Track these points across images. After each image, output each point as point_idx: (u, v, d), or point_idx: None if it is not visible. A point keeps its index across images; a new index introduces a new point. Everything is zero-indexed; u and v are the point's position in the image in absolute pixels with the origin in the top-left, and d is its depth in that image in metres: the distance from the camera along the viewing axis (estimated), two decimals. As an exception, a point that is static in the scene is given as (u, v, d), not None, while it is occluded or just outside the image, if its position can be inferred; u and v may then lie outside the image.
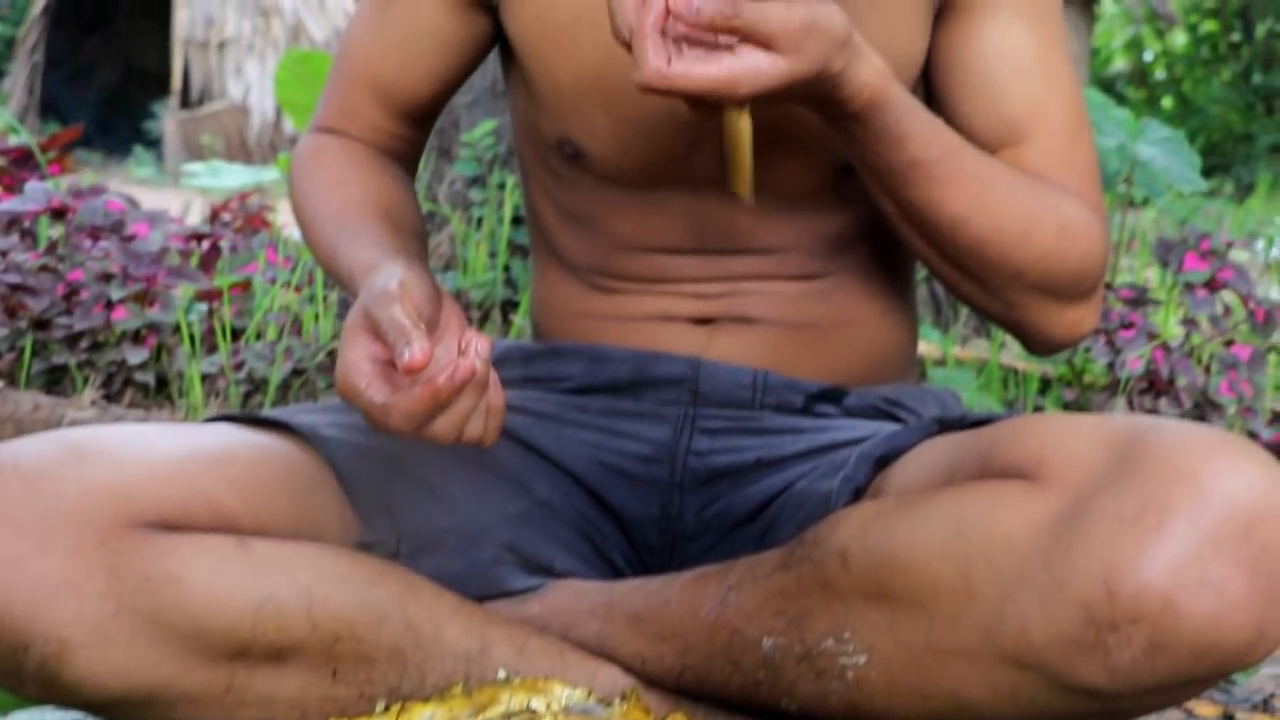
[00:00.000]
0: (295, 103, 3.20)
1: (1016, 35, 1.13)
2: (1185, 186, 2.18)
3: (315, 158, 1.24)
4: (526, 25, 1.15)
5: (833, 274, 1.23)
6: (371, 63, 1.23)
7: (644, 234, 1.20)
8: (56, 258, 1.80)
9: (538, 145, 1.23)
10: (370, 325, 0.95)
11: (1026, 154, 1.12)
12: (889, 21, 1.12)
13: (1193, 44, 14.31)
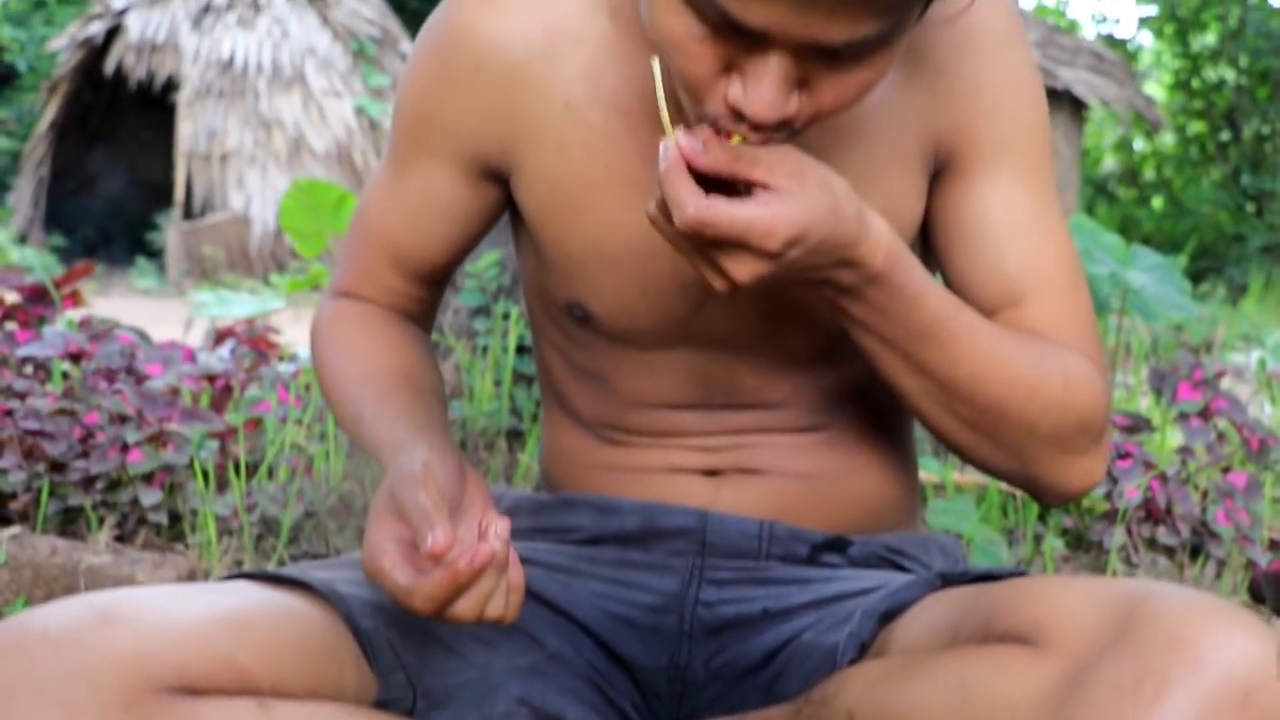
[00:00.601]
0: (300, 230, 3.27)
1: (1013, 195, 1.15)
2: (1177, 314, 2.22)
3: (336, 324, 1.28)
4: (536, 196, 1.19)
5: (836, 425, 1.26)
6: (387, 230, 1.27)
7: (652, 391, 1.24)
8: (73, 400, 1.84)
9: (548, 305, 1.27)
10: (396, 508, 0.99)
11: (1027, 312, 1.15)
12: (889, 185, 1.15)
13: (1182, 144, 14.46)
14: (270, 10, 12.36)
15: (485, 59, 1.17)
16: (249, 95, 12.03)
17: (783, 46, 0.91)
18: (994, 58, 1.15)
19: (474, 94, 1.18)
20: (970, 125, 1.15)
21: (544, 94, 1.16)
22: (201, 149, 11.87)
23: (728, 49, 0.93)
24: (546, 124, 1.16)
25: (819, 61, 0.93)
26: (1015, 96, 1.16)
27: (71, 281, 2.31)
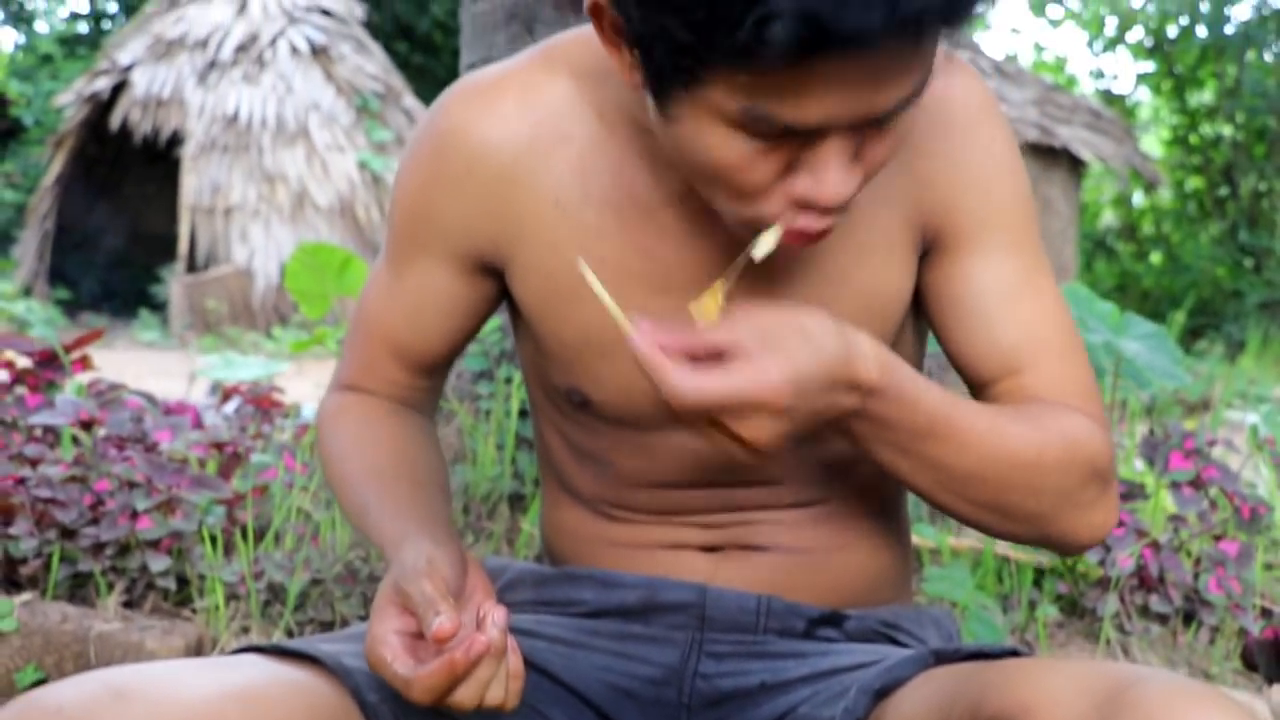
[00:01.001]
0: (306, 292, 3.30)
1: (1004, 268, 1.18)
2: (1169, 382, 2.26)
3: (340, 418, 1.31)
4: (532, 289, 1.22)
5: (833, 499, 1.29)
6: (388, 326, 1.30)
7: (652, 470, 1.27)
8: (84, 467, 1.87)
9: (547, 390, 1.31)
10: (400, 600, 1.03)
11: (1026, 381, 1.17)
12: (875, 265, 1.18)
13: (1180, 199, 14.52)
14: (275, 66, 12.47)
15: (476, 160, 1.20)
16: (253, 150, 12.11)
17: (839, 131, 0.95)
18: (972, 135, 1.18)
19: (466, 194, 1.21)
20: (955, 203, 1.18)
21: (535, 191, 1.19)
22: (205, 203, 11.94)
23: (786, 152, 0.97)
24: (539, 221, 1.19)
25: (869, 130, 0.97)
26: (996, 171, 1.19)
27: (81, 346, 2.35)
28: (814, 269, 1.17)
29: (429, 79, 17.24)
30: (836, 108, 0.92)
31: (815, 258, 1.17)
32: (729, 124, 0.96)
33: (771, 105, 0.92)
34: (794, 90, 0.91)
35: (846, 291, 1.18)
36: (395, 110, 12.93)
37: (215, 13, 12.75)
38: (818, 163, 0.96)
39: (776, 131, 0.94)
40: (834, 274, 1.17)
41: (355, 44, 13.17)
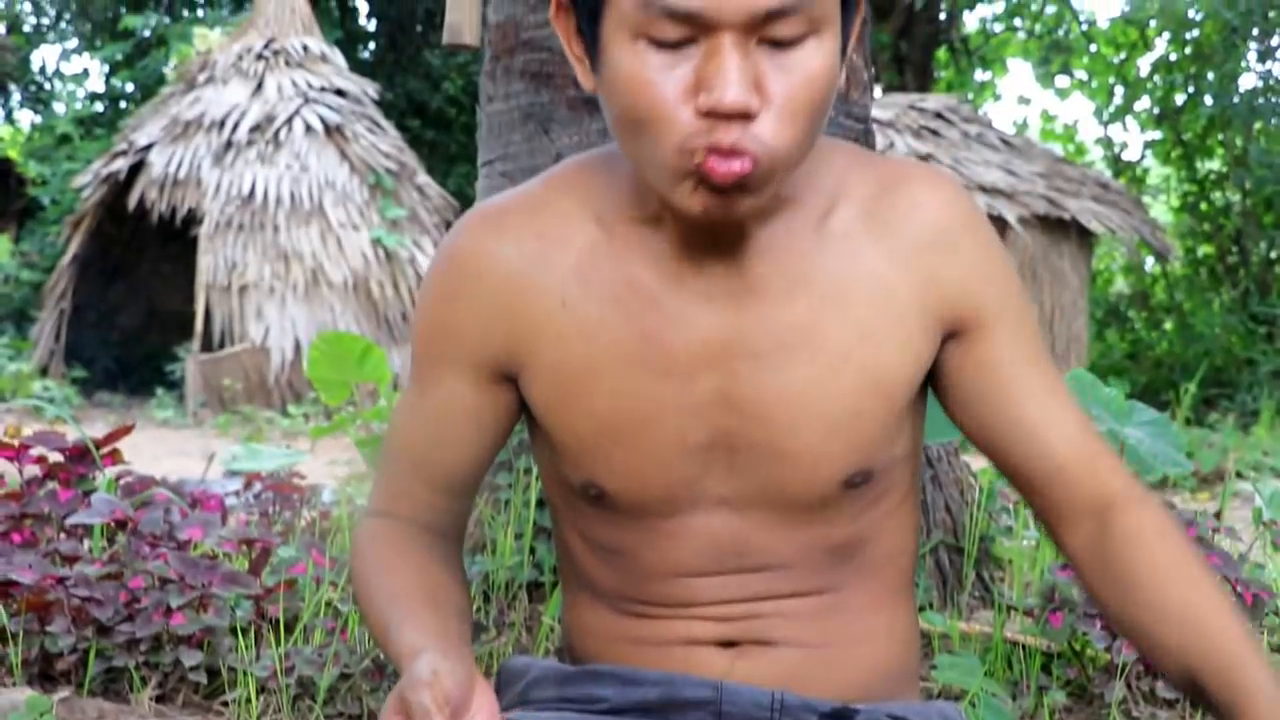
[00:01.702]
0: (326, 380, 3.37)
1: (1023, 348, 1.29)
2: (1173, 469, 2.31)
3: (370, 544, 1.36)
4: (542, 388, 1.29)
5: (843, 589, 1.35)
6: (413, 444, 1.37)
7: (668, 559, 1.32)
8: (118, 564, 1.93)
9: (564, 490, 1.37)
10: (401, 708, 1.08)
11: (1072, 444, 1.27)
12: (877, 347, 1.25)
13: (1191, 266, 14.57)
14: (290, 145, 12.64)
15: (486, 271, 1.29)
16: (268, 228, 12.25)
17: (728, 29, 1.07)
18: (971, 236, 1.29)
19: (478, 303, 1.29)
20: (973, 291, 1.27)
21: (542, 295, 1.27)
22: (221, 281, 12.06)
23: (686, 68, 1.09)
24: (546, 321, 1.27)
25: (764, 52, 1.09)
26: (1000, 266, 1.30)
27: (111, 442, 2.42)
28: (819, 353, 1.24)
29: (441, 154, 17.43)
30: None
31: (818, 341, 1.24)
32: (636, 35, 1.09)
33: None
34: None
35: (849, 369, 1.25)
36: (408, 187, 13.09)
37: (232, 94, 12.94)
38: (715, 68, 1.07)
39: (671, 29, 1.08)
40: (835, 353, 1.24)
41: (369, 122, 13.36)
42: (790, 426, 1.24)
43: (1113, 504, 1.25)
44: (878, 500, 1.34)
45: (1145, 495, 1.26)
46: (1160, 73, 14.94)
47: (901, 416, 1.30)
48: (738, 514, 1.30)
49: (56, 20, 17.87)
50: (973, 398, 1.29)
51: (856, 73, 2.74)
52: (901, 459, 1.35)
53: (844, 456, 1.26)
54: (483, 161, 2.77)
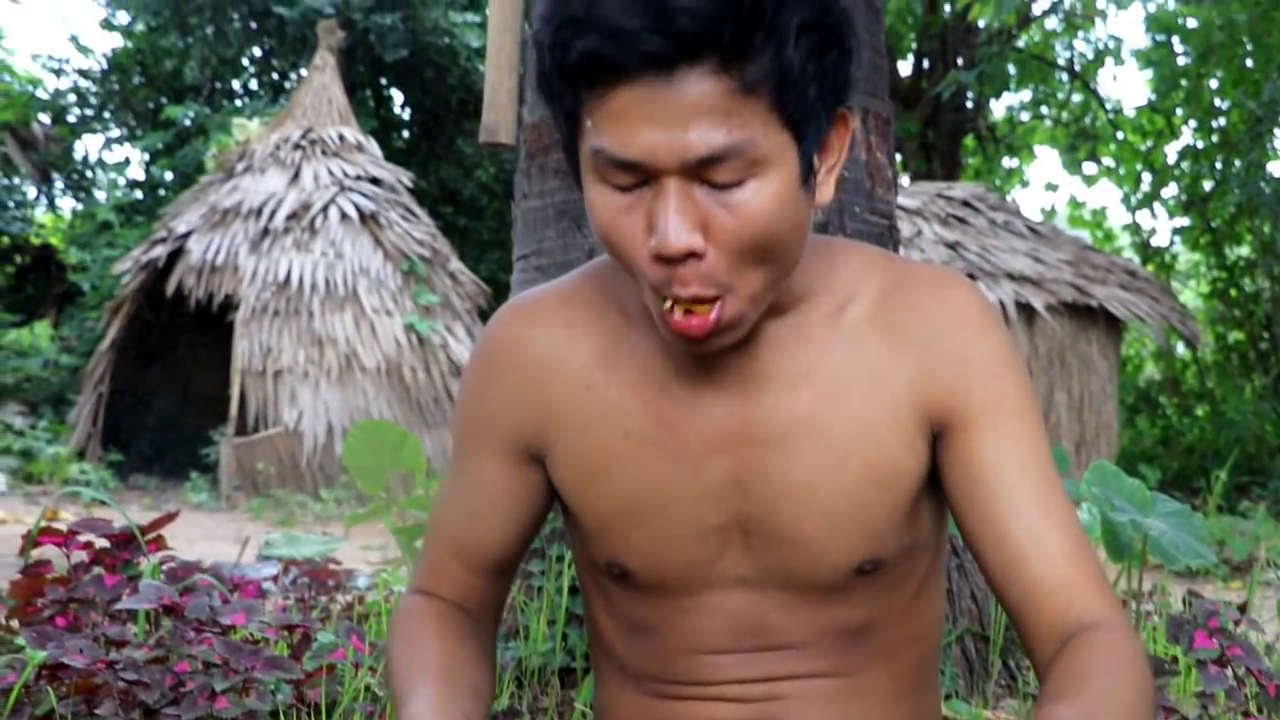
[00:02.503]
0: (363, 468, 3.44)
1: (1012, 447, 1.29)
2: (1195, 560, 2.35)
3: (404, 619, 1.43)
4: (567, 470, 1.36)
5: (863, 672, 1.40)
6: (451, 525, 1.45)
7: (690, 638, 1.38)
8: (164, 649, 1.99)
9: (592, 569, 1.44)
10: None
11: (1049, 563, 1.25)
12: (878, 442, 1.31)
13: (1222, 352, 14.54)
14: (325, 233, 12.80)
15: (518, 358, 1.38)
16: (303, 313, 12.38)
17: (667, 174, 1.12)
18: (974, 334, 1.32)
19: (512, 387, 1.38)
20: (962, 389, 1.30)
21: (568, 380, 1.36)
22: (256, 365, 12.18)
23: (641, 211, 1.15)
24: (572, 405, 1.35)
25: (707, 193, 1.14)
26: (999, 363, 1.32)
27: (156, 529, 2.48)
28: (823, 445, 1.30)
29: (474, 241, 17.62)
30: (649, 139, 1.11)
31: (823, 434, 1.29)
32: (596, 175, 1.16)
33: (605, 140, 1.12)
34: (611, 125, 1.12)
35: (852, 465, 1.30)
36: (441, 274, 13.23)
37: (269, 182, 13.14)
38: (657, 210, 1.14)
39: (621, 176, 1.14)
40: (838, 448, 1.30)
41: (403, 210, 13.53)
42: (797, 514, 1.30)
43: (1077, 631, 1.21)
44: (894, 586, 1.38)
45: (1113, 624, 1.21)
46: (1187, 160, 15.02)
47: (910, 508, 1.34)
48: (755, 593, 1.36)
49: (100, 111, 18.22)
50: (959, 500, 1.31)
51: (881, 170, 2.82)
52: (919, 548, 1.39)
53: (852, 545, 1.32)
54: (518, 256, 2.85)
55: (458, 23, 16.63)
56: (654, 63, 1.08)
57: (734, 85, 1.10)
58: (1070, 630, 1.21)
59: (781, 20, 1.09)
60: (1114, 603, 1.26)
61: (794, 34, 1.10)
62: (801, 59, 1.12)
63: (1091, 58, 16.74)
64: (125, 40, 18.13)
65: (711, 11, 1.06)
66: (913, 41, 17.19)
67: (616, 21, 1.07)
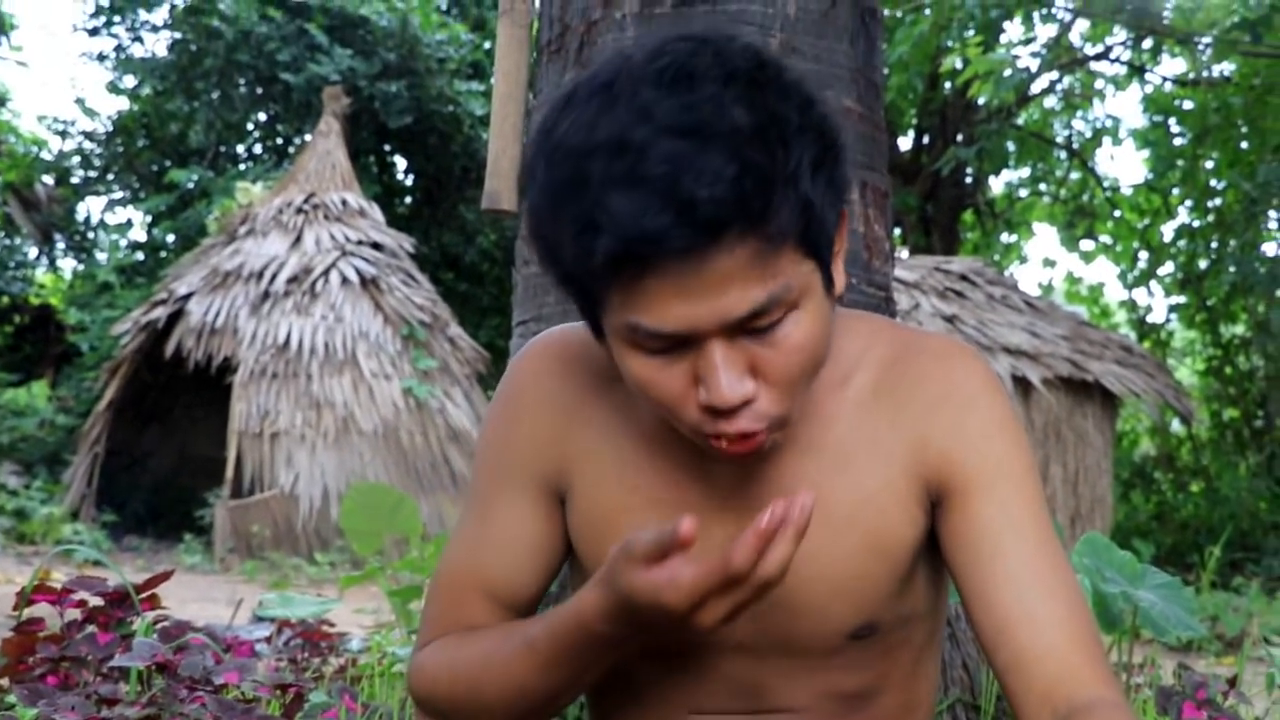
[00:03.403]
0: (359, 530, 3.46)
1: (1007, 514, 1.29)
2: (1185, 632, 2.36)
3: (433, 656, 1.39)
4: (581, 518, 1.38)
5: None
6: (478, 570, 1.41)
7: (688, 699, 1.39)
8: (157, 707, 2.00)
9: None
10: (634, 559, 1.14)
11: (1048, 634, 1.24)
12: (877, 509, 1.32)
13: (1217, 429, 14.57)
14: (326, 297, 12.85)
15: (546, 395, 1.39)
16: (301, 376, 12.41)
17: (713, 336, 1.12)
18: (972, 404, 1.33)
19: (539, 424, 1.39)
20: (957, 458, 1.31)
21: (590, 427, 1.38)
22: (253, 428, 12.18)
23: (682, 366, 1.15)
24: (589, 453, 1.37)
25: (750, 339, 1.14)
26: (997, 432, 1.33)
27: (150, 588, 2.49)
28: (824, 515, 1.30)
29: (474, 307, 17.68)
30: (688, 313, 1.10)
31: (824, 503, 1.31)
32: (629, 343, 1.16)
33: (640, 316, 1.12)
34: (647, 301, 1.10)
35: (853, 533, 1.32)
36: (440, 339, 13.26)
37: (271, 246, 13.21)
38: (706, 369, 1.14)
39: (659, 343, 1.14)
40: (840, 519, 1.31)
41: (404, 275, 13.59)
42: (798, 581, 1.30)
43: (1073, 706, 1.19)
44: (889, 653, 1.40)
45: (1109, 702, 1.19)
46: (1183, 239, 15.12)
47: (906, 577, 1.36)
48: (753, 658, 1.37)
49: (103, 173, 18.34)
50: (954, 566, 1.32)
51: (878, 242, 2.85)
52: (915, 617, 1.41)
53: (849, 613, 1.33)
54: (517, 321, 2.88)
55: (462, 91, 16.78)
56: (683, 253, 1.07)
57: (762, 244, 1.09)
58: (1063, 707, 1.19)
59: (797, 170, 1.10)
60: (1109, 676, 1.25)
61: (810, 177, 1.11)
62: (821, 193, 1.13)
63: (1089, 136, 16.89)
64: (131, 103, 18.28)
65: (731, 195, 1.05)
66: (913, 117, 17.34)
67: (639, 223, 1.05)
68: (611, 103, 1.09)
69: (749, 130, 1.07)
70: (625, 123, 1.07)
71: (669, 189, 1.04)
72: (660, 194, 1.04)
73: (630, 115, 1.07)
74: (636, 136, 1.06)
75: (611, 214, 1.06)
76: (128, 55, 17.71)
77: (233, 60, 16.11)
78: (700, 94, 1.07)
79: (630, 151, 1.06)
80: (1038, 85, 14.66)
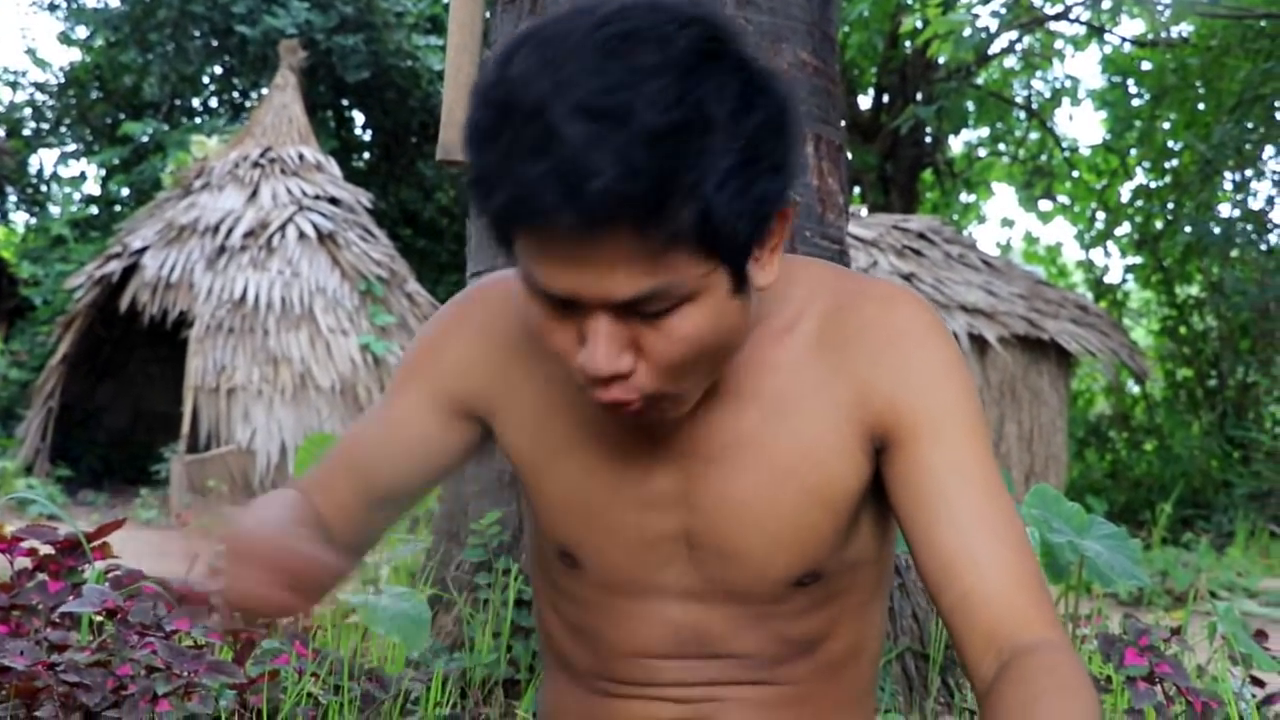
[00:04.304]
0: (314, 481, 3.44)
1: (952, 457, 1.29)
2: (1130, 581, 2.39)
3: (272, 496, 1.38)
4: (521, 447, 1.39)
5: (801, 683, 1.43)
6: (359, 446, 1.44)
7: (633, 641, 1.41)
8: (107, 653, 2.00)
9: (543, 558, 1.46)
10: None
11: (981, 586, 1.24)
12: (821, 459, 1.32)
13: (1171, 389, 14.71)
14: (283, 252, 12.76)
15: (482, 329, 1.40)
16: (258, 332, 12.33)
17: (598, 308, 1.13)
18: (917, 349, 1.33)
19: (476, 344, 1.40)
20: (902, 403, 1.31)
21: (533, 362, 1.38)
22: (209, 383, 12.12)
23: (572, 324, 1.16)
24: (530, 390, 1.38)
25: (638, 319, 1.14)
26: (943, 376, 1.32)
27: (102, 535, 2.48)
28: (765, 463, 1.32)
29: (432, 263, 17.60)
30: (574, 283, 1.11)
31: (765, 452, 1.32)
32: (529, 290, 1.17)
33: (534, 270, 1.13)
34: (540, 259, 1.12)
35: (792, 481, 1.32)
36: (398, 295, 13.21)
37: (227, 200, 13.10)
38: (590, 335, 1.14)
39: (549, 300, 1.14)
40: (780, 464, 1.32)
41: (361, 230, 13.51)
42: (738, 529, 1.32)
43: (1017, 654, 1.19)
44: (835, 599, 1.41)
45: (1054, 644, 1.20)
46: (1140, 199, 15.21)
47: (850, 525, 1.37)
48: (700, 604, 1.38)
49: (56, 125, 18.12)
50: (900, 511, 1.32)
51: (832, 196, 2.86)
52: (860, 563, 1.42)
53: (791, 561, 1.34)
54: (472, 272, 2.88)
55: (420, 45, 16.65)
56: (569, 229, 1.06)
57: (654, 242, 1.08)
58: (1007, 649, 1.20)
59: (699, 178, 1.06)
60: (1053, 619, 1.25)
61: (716, 187, 1.07)
62: (727, 204, 1.09)
63: (1049, 97, 16.95)
64: (84, 55, 18.04)
65: (621, 189, 1.03)
66: (873, 76, 17.35)
67: (531, 193, 1.05)
68: (544, 65, 1.07)
69: (663, 128, 1.04)
70: (547, 91, 1.05)
71: (566, 170, 1.03)
72: (557, 173, 1.04)
73: (553, 85, 1.05)
74: (553, 108, 1.04)
75: (511, 176, 1.06)
76: (80, 5, 17.47)
77: (187, 12, 15.92)
78: (628, 76, 1.04)
79: (541, 122, 1.05)
80: (997, 45, 14.67)
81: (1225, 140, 11.98)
